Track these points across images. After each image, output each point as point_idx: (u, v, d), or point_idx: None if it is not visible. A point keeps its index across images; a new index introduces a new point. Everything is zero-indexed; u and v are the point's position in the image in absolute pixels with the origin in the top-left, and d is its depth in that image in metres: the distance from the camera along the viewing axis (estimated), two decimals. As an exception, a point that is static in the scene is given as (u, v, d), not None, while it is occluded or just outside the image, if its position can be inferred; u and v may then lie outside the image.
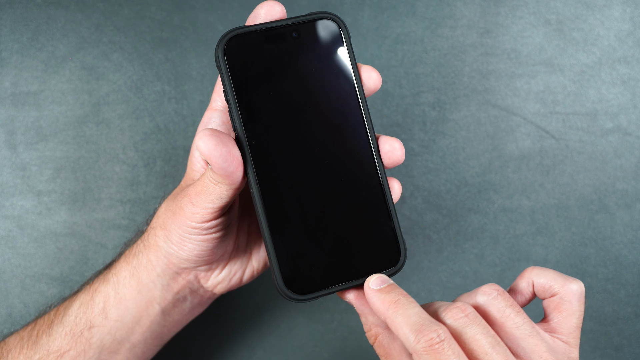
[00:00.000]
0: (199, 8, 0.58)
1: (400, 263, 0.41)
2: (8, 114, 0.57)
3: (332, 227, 0.40)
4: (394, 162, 0.41)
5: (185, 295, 0.46)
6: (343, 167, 0.40)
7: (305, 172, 0.39)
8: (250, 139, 0.39)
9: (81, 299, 0.46)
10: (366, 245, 0.40)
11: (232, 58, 0.39)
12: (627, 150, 0.58)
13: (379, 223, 0.40)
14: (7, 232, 0.57)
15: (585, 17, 0.58)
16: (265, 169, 0.39)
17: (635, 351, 0.58)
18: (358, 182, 0.40)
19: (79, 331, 0.45)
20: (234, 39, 0.39)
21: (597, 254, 0.58)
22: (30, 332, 0.47)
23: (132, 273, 0.45)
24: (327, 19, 0.40)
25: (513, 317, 0.38)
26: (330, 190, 0.40)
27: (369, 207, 0.40)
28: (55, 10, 0.57)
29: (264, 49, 0.39)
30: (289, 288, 0.39)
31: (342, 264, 0.40)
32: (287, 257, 0.39)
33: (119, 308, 0.45)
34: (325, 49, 0.40)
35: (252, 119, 0.39)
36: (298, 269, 0.39)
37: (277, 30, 0.39)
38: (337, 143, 0.40)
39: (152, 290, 0.45)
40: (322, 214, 0.40)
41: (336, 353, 0.57)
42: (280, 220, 0.39)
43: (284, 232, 0.39)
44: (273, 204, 0.39)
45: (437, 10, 0.58)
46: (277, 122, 0.39)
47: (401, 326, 0.36)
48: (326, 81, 0.40)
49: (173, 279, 0.45)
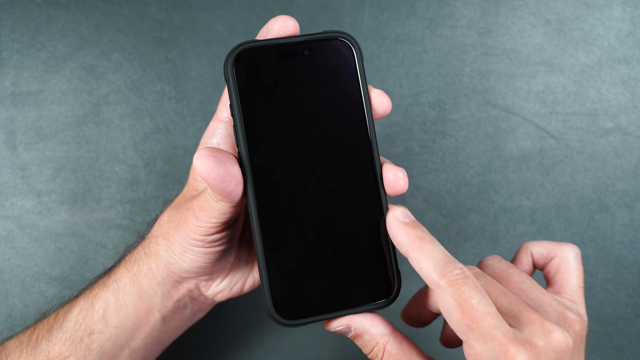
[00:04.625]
0: (199, 8, 0.58)
1: (392, 296, 0.40)
2: (8, 114, 0.57)
3: (327, 255, 0.39)
4: (396, 192, 0.40)
5: (186, 303, 0.46)
6: (345, 194, 0.39)
7: (305, 195, 0.38)
8: (252, 157, 0.38)
9: (81, 304, 0.46)
10: (360, 276, 0.39)
11: (240, 72, 0.38)
12: (627, 150, 0.58)
13: (375, 255, 0.39)
14: (7, 232, 0.57)
15: (585, 17, 0.58)
16: (265, 189, 0.38)
17: (635, 351, 0.58)
18: (358, 210, 0.39)
19: (79, 337, 0.45)
20: (245, 52, 0.38)
21: (597, 254, 0.58)
22: (30, 336, 0.47)
23: (133, 280, 0.45)
24: (341, 39, 0.39)
25: (517, 273, 0.40)
26: (329, 216, 0.39)
27: (367, 238, 0.39)
28: (55, 10, 0.57)
29: (274, 65, 0.38)
30: (278, 312, 0.38)
31: (333, 293, 0.39)
32: (278, 281, 0.38)
33: (119, 315, 0.45)
34: (337, 70, 0.39)
35: (256, 136, 0.38)
36: (288, 294, 0.38)
37: (290, 47, 0.38)
38: (341, 168, 0.39)
39: (153, 297, 0.45)
40: (319, 241, 0.39)
41: (336, 353, 0.57)
42: (275, 243, 0.38)
43: (278, 255, 0.38)
44: (269, 225, 0.38)
45: (437, 10, 0.58)
46: (282, 142, 0.38)
47: (425, 260, 0.36)
48: (335, 103, 0.39)
49: (174, 287, 0.45)
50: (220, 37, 0.58)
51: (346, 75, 0.39)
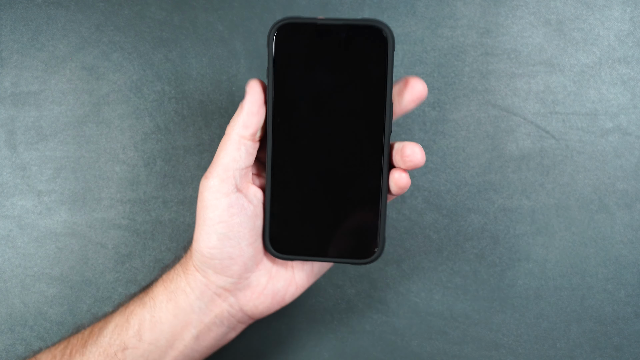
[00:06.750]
0: (199, 8, 0.58)
1: (374, 257, 0.45)
2: (8, 114, 0.57)
3: (323, 210, 0.45)
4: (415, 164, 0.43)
5: (222, 320, 0.46)
6: (350, 162, 0.44)
7: (315, 156, 0.44)
8: (275, 117, 0.43)
9: (116, 320, 0.46)
10: (349, 233, 0.45)
11: (279, 43, 0.42)
12: (627, 150, 0.58)
13: (366, 218, 0.45)
14: (7, 232, 0.57)
15: (585, 17, 0.58)
16: (281, 145, 0.44)
17: (635, 351, 0.58)
18: (359, 178, 0.44)
19: (113, 352, 0.45)
20: (286, 26, 0.42)
21: (597, 254, 0.58)
22: (63, 350, 0.47)
23: (170, 297, 0.45)
24: (377, 26, 0.42)
25: None
26: (332, 178, 0.44)
27: (362, 204, 0.44)
28: (55, 10, 0.57)
29: (310, 41, 0.42)
30: (272, 245, 0.45)
31: (321, 242, 0.45)
32: (277, 221, 0.45)
33: (153, 331, 0.45)
34: (368, 55, 0.43)
35: (282, 100, 0.43)
36: (283, 234, 0.45)
37: (330, 27, 0.42)
38: (352, 140, 0.44)
39: (190, 314, 0.45)
40: (319, 197, 0.44)
41: (336, 353, 0.57)
42: (281, 191, 0.44)
43: (281, 201, 0.45)
44: (280, 176, 0.44)
45: (437, 10, 0.58)
46: (304, 109, 0.43)
47: None
48: (359, 83, 0.43)
49: (212, 301, 0.45)
50: (220, 37, 0.58)
51: (376, 62, 0.43)
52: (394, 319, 0.58)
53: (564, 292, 0.58)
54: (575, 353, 0.57)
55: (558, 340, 0.58)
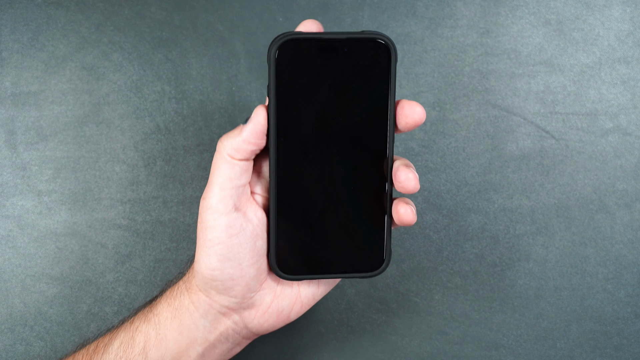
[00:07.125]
0: (199, 8, 0.58)
1: (380, 270, 0.45)
2: (8, 114, 0.57)
3: (328, 227, 0.44)
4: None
5: (227, 337, 0.46)
6: (354, 177, 0.44)
7: (318, 175, 0.43)
8: (279, 135, 0.42)
9: (122, 337, 0.46)
10: (355, 248, 0.45)
11: (280, 59, 0.41)
12: (627, 150, 0.58)
13: (371, 233, 0.44)
14: (7, 232, 0.57)
15: (585, 17, 0.58)
16: (285, 164, 0.43)
17: (635, 351, 0.58)
18: (363, 195, 0.44)
19: None
20: (287, 42, 0.41)
21: (597, 254, 0.58)
22: None
23: (174, 315, 0.45)
24: (380, 40, 0.42)
25: None
26: (336, 194, 0.44)
27: (367, 219, 0.44)
28: (55, 10, 0.57)
29: (312, 56, 0.42)
30: (279, 267, 0.44)
31: (327, 260, 0.44)
32: (283, 243, 0.44)
33: (159, 349, 0.45)
34: (370, 69, 0.42)
35: (285, 118, 0.42)
36: (289, 254, 0.44)
37: (331, 42, 0.42)
38: (355, 154, 0.43)
39: (194, 332, 0.45)
40: (324, 214, 0.44)
41: (336, 353, 0.57)
42: (286, 212, 0.44)
43: (286, 222, 0.44)
44: (284, 196, 0.43)
45: (437, 10, 0.58)
46: (306, 126, 0.43)
47: None
48: (362, 97, 0.42)
49: (216, 319, 0.45)
50: (220, 37, 0.58)
51: (378, 76, 0.42)
52: (394, 319, 0.58)
53: (564, 292, 0.58)
54: (575, 353, 0.57)
55: (558, 340, 0.58)
